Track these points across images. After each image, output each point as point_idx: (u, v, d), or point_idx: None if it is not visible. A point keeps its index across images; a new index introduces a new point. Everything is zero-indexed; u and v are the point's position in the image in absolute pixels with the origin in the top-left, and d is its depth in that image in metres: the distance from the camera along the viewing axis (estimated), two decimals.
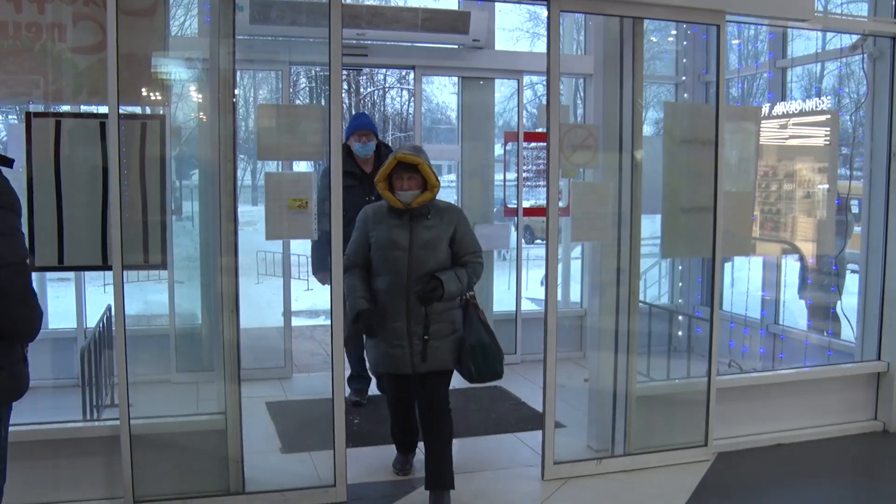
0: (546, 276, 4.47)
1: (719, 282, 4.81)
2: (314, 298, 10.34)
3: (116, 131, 3.69)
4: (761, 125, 5.58)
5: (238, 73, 4.08)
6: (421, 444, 4.21)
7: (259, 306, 9.32)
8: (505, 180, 7.05)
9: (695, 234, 4.77)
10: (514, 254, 7.37)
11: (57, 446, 3.91)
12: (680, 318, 6.75)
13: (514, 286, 7.23)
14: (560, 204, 4.81)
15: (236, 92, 4.05)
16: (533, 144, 7.47)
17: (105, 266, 3.88)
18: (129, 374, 3.82)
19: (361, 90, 22.91)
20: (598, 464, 4.54)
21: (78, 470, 3.94)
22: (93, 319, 5.97)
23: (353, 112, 22.35)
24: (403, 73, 20.01)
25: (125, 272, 3.78)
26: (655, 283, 7.68)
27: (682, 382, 5.44)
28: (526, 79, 7.21)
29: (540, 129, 8.20)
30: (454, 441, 5.02)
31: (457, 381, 6.16)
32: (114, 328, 3.88)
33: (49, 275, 6.96)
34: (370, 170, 5.36)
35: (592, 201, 4.50)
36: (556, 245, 4.42)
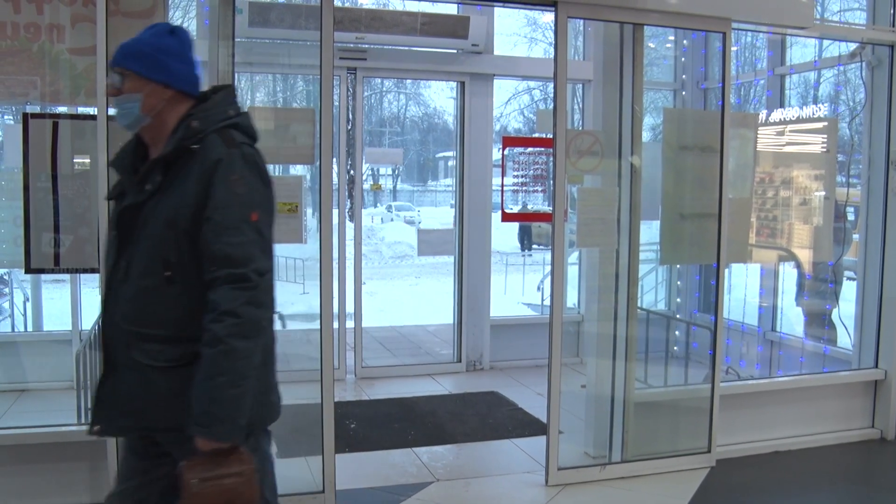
0: (552, 282, 4.43)
1: (723, 289, 4.80)
2: (310, 302, 10.32)
3: (105, 132, 3.65)
4: (759, 132, 5.59)
5: (237, 76, 4.06)
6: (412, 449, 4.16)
7: None
8: (503, 185, 7.04)
9: (694, 241, 4.77)
10: (513, 259, 7.36)
11: (46, 450, 3.87)
12: (678, 323, 6.74)
13: (509, 291, 7.23)
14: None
15: None
16: (531, 150, 7.48)
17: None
18: None
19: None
20: (602, 470, 4.52)
21: (66, 474, 3.90)
22: (88, 322, 5.95)
23: (351, 117, 22.19)
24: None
25: None
26: (652, 289, 7.68)
27: (681, 389, 5.43)
28: (523, 84, 7.22)
29: (537, 135, 8.22)
30: (452, 447, 5.02)
31: (452, 386, 6.17)
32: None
33: (44, 277, 6.94)
34: (161, 153, 2.22)
35: (599, 207, 4.49)
36: (563, 251, 4.38)
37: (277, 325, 2.34)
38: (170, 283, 2.15)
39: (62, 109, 4.25)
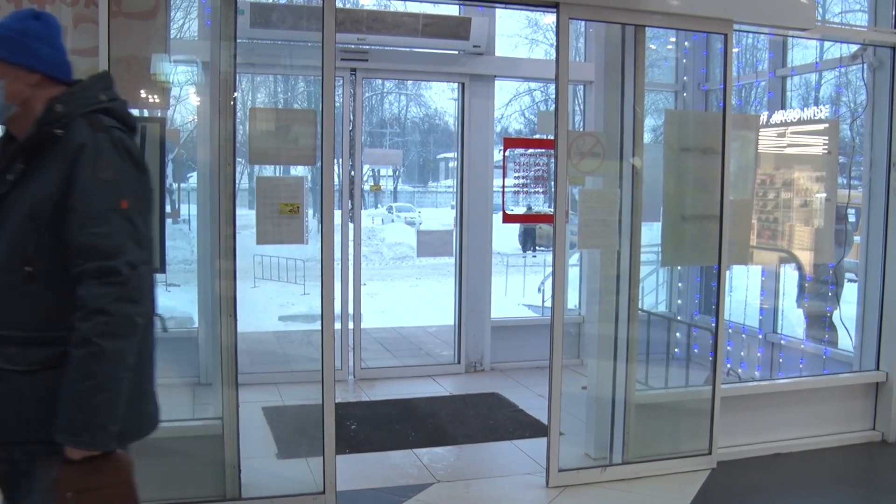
0: (553, 284, 4.43)
1: (724, 291, 4.80)
2: (311, 303, 10.32)
3: None
4: (760, 133, 5.59)
5: (238, 77, 4.06)
6: (417, 450, 4.17)
7: (255, 310, 9.31)
8: (504, 186, 7.04)
9: (695, 243, 4.77)
10: (514, 260, 7.35)
11: None
12: (678, 324, 6.74)
13: (509, 293, 7.22)
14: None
15: (235, 95, 4.03)
16: (531, 151, 7.49)
17: None
18: None
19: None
20: (603, 472, 4.52)
21: None
22: None
23: (352, 118, 22.24)
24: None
25: None
26: (653, 290, 7.67)
27: (681, 391, 5.43)
28: (524, 85, 7.23)
29: (538, 136, 8.22)
30: (452, 448, 5.02)
31: (452, 387, 6.17)
32: None
33: None
34: (21, 139, 2.08)
35: (600, 208, 4.48)
36: (564, 252, 4.38)
37: (158, 329, 2.14)
38: (31, 279, 1.94)
39: None
